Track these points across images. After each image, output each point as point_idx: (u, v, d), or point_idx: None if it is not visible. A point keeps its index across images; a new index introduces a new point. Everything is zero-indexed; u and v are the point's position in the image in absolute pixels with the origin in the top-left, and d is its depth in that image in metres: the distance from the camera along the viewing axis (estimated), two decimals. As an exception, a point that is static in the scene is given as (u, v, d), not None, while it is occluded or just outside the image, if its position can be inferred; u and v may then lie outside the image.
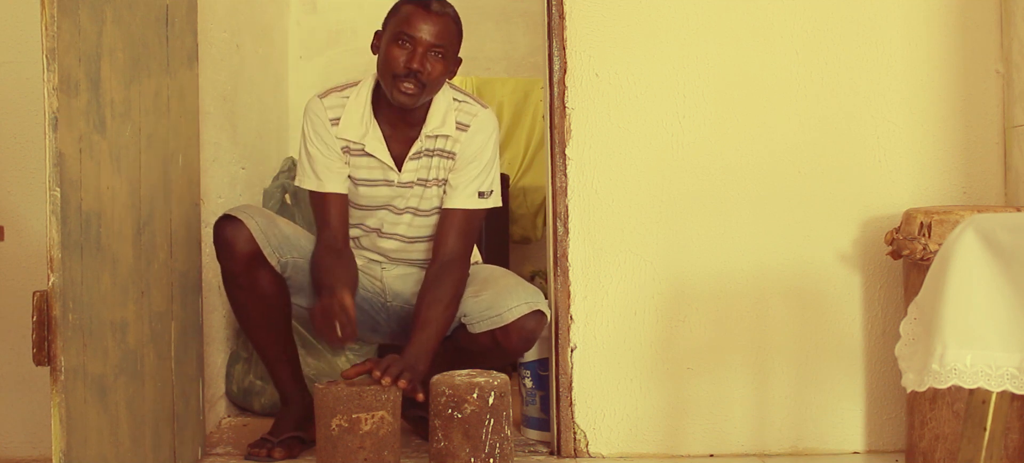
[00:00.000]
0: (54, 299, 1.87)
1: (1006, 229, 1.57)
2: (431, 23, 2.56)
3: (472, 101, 2.72)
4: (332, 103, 2.66)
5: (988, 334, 1.58)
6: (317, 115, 2.66)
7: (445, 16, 2.59)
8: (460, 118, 2.67)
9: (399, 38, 2.56)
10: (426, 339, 2.51)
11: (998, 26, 2.66)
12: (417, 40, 2.55)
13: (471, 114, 2.68)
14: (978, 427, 1.65)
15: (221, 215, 2.62)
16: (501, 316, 2.56)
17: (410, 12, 2.57)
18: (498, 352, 2.63)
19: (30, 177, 2.68)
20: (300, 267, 2.65)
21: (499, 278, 2.68)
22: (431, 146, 2.67)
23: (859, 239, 2.68)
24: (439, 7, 2.59)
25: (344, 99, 2.67)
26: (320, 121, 2.65)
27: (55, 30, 1.86)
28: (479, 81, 4.34)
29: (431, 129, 2.65)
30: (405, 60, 2.55)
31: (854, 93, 2.67)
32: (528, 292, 2.59)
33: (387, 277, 2.77)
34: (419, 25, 2.56)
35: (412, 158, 2.66)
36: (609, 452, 2.70)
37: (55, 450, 1.87)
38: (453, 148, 2.67)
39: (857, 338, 2.69)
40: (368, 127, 2.64)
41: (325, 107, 2.66)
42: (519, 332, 2.58)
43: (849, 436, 2.69)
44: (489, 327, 2.58)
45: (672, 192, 2.68)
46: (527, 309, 2.57)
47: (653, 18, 2.68)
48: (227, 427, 3.07)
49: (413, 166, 2.67)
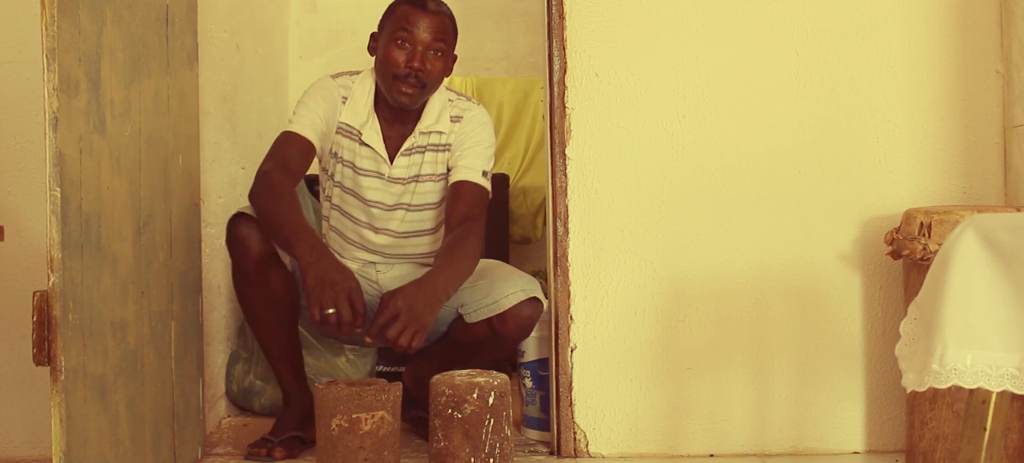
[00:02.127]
0: (54, 299, 1.87)
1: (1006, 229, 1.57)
2: (429, 21, 2.59)
3: (465, 99, 2.77)
4: (343, 84, 2.71)
5: (988, 334, 1.58)
6: (329, 89, 2.68)
7: (442, 14, 2.62)
8: (454, 112, 2.72)
9: (398, 38, 2.58)
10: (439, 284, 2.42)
11: (998, 26, 2.66)
12: (416, 39, 2.58)
13: (464, 108, 2.74)
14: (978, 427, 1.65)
15: (235, 212, 2.61)
16: (497, 303, 2.57)
17: (407, 12, 2.59)
18: (495, 341, 2.63)
19: (30, 177, 2.68)
20: None
21: (494, 268, 2.70)
22: (424, 142, 2.69)
23: (859, 239, 2.68)
24: (435, 5, 2.62)
25: (351, 83, 2.71)
26: (331, 95, 2.67)
27: (55, 30, 1.86)
28: (479, 81, 4.34)
29: (425, 126, 2.68)
30: (405, 60, 2.58)
31: (854, 93, 2.67)
32: (524, 280, 2.61)
33: (383, 280, 2.77)
34: (418, 24, 2.58)
35: (404, 153, 2.69)
36: (609, 452, 2.70)
37: (55, 450, 1.87)
38: (448, 140, 2.70)
39: (857, 338, 2.69)
40: (369, 117, 2.67)
41: (337, 85, 2.69)
42: (516, 319, 2.58)
43: (849, 436, 2.69)
44: (486, 315, 2.58)
45: (672, 192, 2.68)
46: (523, 296, 2.58)
47: (653, 18, 2.68)
48: (227, 427, 3.07)
49: (405, 162, 2.69)
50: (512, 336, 2.62)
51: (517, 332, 2.62)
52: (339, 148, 2.69)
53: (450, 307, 2.66)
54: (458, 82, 4.34)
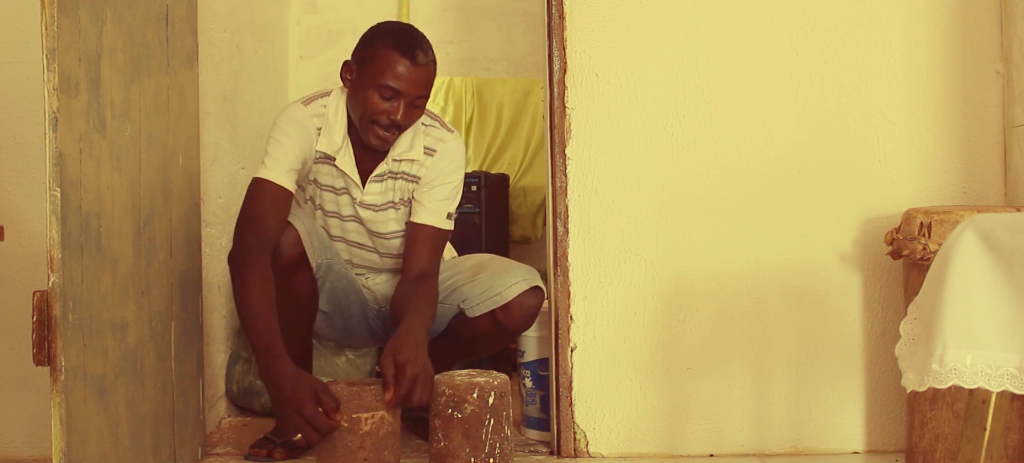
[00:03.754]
0: (54, 299, 1.86)
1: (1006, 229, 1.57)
2: (418, 75, 2.51)
3: (440, 125, 2.70)
4: (316, 111, 2.62)
5: (988, 334, 1.58)
6: (302, 122, 2.57)
7: (429, 64, 2.54)
8: (428, 143, 2.66)
9: (382, 89, 2.49)
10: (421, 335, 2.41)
11: (998, 26, 2.66)
12: (402, 94, 2.50)
13: (439, 138, 2.67)
14: (978, 427, 1.65)
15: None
16: (501, 295, 2.57)
17: (395, 62, 2.49)
18: (499, 333, 2.63)
19: (30, 177, 2.68)
20: (332, 268, 2.65)
21: (491, 261, 2.70)
22: (396, 169, 2.66)
23: (859, 239, 2.68)
24: (424, 56, 2.52)
25: (323, 109, 2.62)
26: (306, 128, 2.57)
27: (55, 30, 1.85)
28: (479, 81, 4.34)
29: (398, 153, 2.64)
30: (388, 111, 2.51)
31: (854, 93, 2.67)
32: (524, 270, 2.61)
33: (373, 284, 2.78)
34: (405, 77, 2.49)
35: (375, 179, 2.65)
36: (609, 452, 2.70)
37: (55, 450, 1.87)
38: (418, 172, 2.66)
39: (857, 338, 2.69)
40: (343, 142, 2.62)
41: (310, 115, 2.60)
42: (520, 309, 2.58)
43: (849, 436, 2.69)
44: (489, 307, 2.58)
45: (672, 192, 2.68)
46: (526, 285, 2.58)
47: (653, 18, 2.68)
48: (227, 427, 3.07)
49: (377, 188, 2.66)
50: (516, 326, 2.62)
51: (521, 322, 2.62)
52: (318, 174, 2.66)
53: (451, 304, 2.66)
54: (458, 82, 4.34)
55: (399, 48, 2.50)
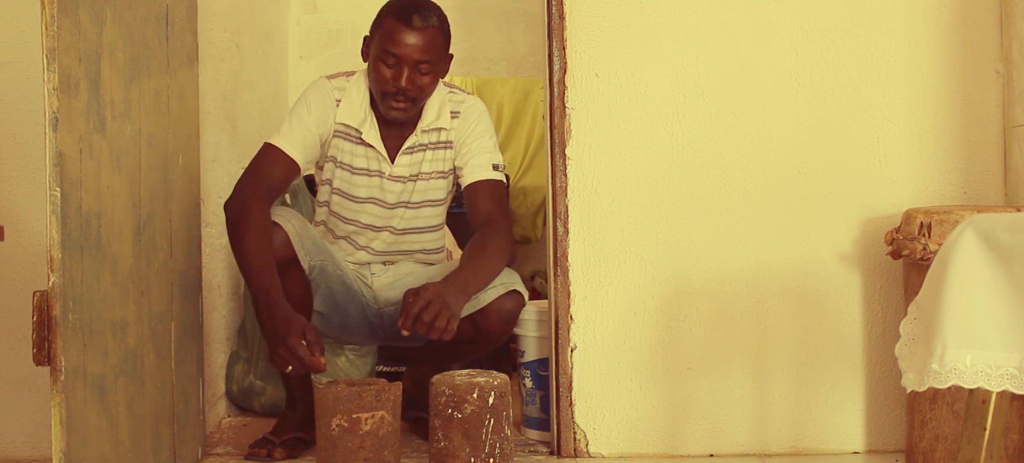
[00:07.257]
0: (54, 299, 1.87)
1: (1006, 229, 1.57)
2: (415, 38, 2.55)
3: (461, 92, 2.77)
4: (338, 85, 2.69)
5: (988, 334, 1.58)
6: (324, 92, 2.66)
7: (428, 28, 2.57)
8: (453, 107, 2.72)
9: (384, 56, 2.56)
10: (466, 279, 2.47)
11: (998, 26, 2.66)
12: (402, 58, 2.56)
13: (461, 101, 2.73)
14: (978, 427, 1.65)
15: None
16: (478, 299, 2.56)
17: (392, 27, 2.56)
18: (480, 338, 2.63)
19: (30, 177, 2.68)
20: (325, 271, 2.66)
21: None
22: (426, 140, 2.69)
23: (859, 239, 2.68)
24: (421, 20, 2.56)
25: (346, 83, 2.70)
26: (325, 100, 2.66)
27: (55, 30, 1.86)
28: (479, 81, 4.34)
29: (427, 124, 2.68)
30: (392, 78, 2.56)
31: (854, 93, 2.67)
32: (504, 274, 2.61)
33: (376, 285, 2.78)
34: (403, 42, 2.55)
35: (405, 152, 2.69)
36: (609, 452, 2.70)
37: (55, 450, 1.87)
38: (449, 138, 2.70)
39: (857, 338, 2.69)
40: (367, 115, 2.67)
41: (332, 87, 2.68)
42: (498, 312, 2.58)
43: (849, 436, 2.69)
44: (468, 312, 2.58)
45: (672, 192, 2.68)
46: (503, 289, 2.58)
47: (653, 18, 2.68)
48: (227, 427, 3.07)
49: (406, 160, 2.69)
50: (495, 330, 2.62)
51: (500, 326, 2.61)
52: (338, 151, 2.69)
53: None
54: (458, 82, 4.34)
55: (396, 14, 2.57)
